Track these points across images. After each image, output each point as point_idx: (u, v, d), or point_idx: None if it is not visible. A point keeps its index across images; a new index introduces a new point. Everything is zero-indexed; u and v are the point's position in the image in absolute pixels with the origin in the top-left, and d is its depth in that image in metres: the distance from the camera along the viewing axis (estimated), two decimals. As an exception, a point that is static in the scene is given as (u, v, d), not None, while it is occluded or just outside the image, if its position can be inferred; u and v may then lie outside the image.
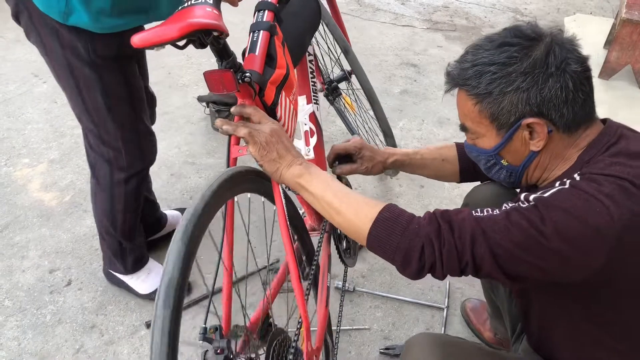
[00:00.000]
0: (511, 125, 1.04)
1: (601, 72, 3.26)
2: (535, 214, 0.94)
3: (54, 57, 1.51)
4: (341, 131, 2.91)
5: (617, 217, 0.91)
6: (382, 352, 1.85)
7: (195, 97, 3.12)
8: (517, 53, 1.00)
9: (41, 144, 2.79)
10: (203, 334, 1.02)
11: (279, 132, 1.14)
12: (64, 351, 1.85)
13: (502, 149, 1.09)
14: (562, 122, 1.01)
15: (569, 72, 0.99)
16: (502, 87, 1.01)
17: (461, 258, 0.98)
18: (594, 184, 0.95)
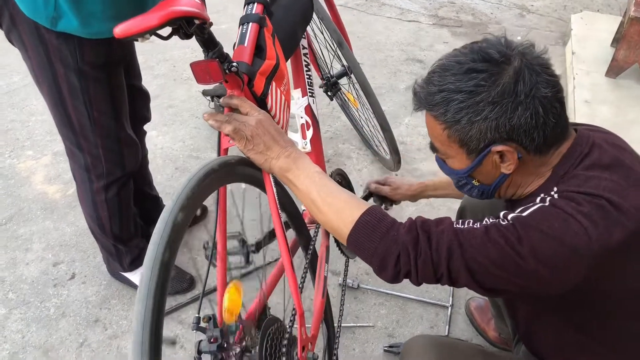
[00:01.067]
0: (480, 151, 1.02)
1: (608, 71, 3.23)
2: (513, 234, 0.94)
3: (36, 62, 1.48)
4: (346, 127, 2.89)
5: (595, 237, 0.91)
6: (386, 349, 1.84)
7: (200, 90, 3.11)
8: (485, 81, 0.96)
9: (45, 136, 2.78)
10: (196, 323, 1.02)
11: (265, 122, 1.13)
12: (68, 345, 1.85)
13: (472, 172, 1.08)
14: (532, 146, 0.99)
15: (538, 98, 0.95)
16: (470, 117, 0.97)
17: (436, 269, 0.98)
18: (573, 203, 0.94)
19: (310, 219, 1.72)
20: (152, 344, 0.78)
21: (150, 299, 0.81)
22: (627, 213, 0.94)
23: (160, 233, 0.87)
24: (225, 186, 1.15)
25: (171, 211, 0.90)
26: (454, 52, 1.03)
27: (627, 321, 1.07)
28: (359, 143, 2.82)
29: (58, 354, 1.82)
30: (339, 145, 2.82)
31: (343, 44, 2.17)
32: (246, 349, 1.09)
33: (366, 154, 2.76)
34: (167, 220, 0.88)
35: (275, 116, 1.35)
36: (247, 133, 1.11)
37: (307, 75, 1.72)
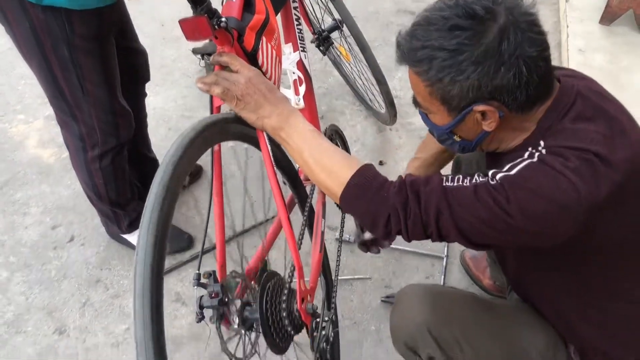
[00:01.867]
0: (462, 109, 1.00)
1: (602, 18, 3.20)
2: (501, 193, 0.94)
3: (22, 38, 1.45)
4: (339, 83, 2.87)
5: (584, 193, 0.92)
6: (383, 300, 1.89)
7: (190, 49, 3.06)
8: (468, 40, 0.93)
9: (36, 99, 2.76)
10: (197, 279, 1.04)
11: (255, 80, 1.12)
12: (71, 305, 1.88)
13: (453, 128, 1.06)
14: (515, 104, 0.97)
15: (522, 58, 0.93)
16: (453, 76, 0.95)
17: (426, 228, 1.00)
18: (561, 159, 0.94)
19: (306, 176, 1.73)
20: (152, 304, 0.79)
21: (149, 260, 0.81)
22: (615, 165, 0.94)
23: (155, 193, 0.87)
24: (220, 144, 1.15)
25: (164, 171, 0.89)
26: (439, 4, 0.99)
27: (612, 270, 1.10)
28: (352, 99, 2.81)
29: (62, 314, 1.86)
30: (332, 101, 2.80)
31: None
32: (247, 303, 1.12)
33: (360, 109, 2.75)
34: (160, 181, 0.88)
35: (267, 72, 1.33)
36: (237, 92, 1.10)
37: (297, 29, 1.70)
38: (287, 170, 1.42)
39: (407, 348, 1.27)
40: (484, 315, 1.28)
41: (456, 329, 1.22)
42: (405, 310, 1.28)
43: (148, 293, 0.79)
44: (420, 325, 1.22)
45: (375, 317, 1.86)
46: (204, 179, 2.34)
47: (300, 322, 1.19)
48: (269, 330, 1.10)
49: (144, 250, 0.81)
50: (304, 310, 1.19)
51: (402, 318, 1.28)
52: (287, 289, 1.17)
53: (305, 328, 1.21)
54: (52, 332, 1.81)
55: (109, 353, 1.76)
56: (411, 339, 1.24)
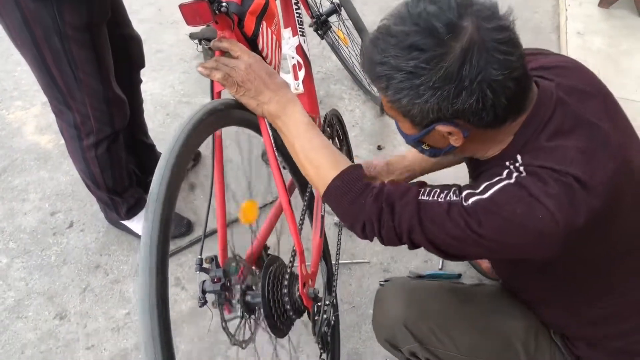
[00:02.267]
0: (425, 126, 0.95)
1: (601, 1, 3.19)
2: (474, 217, 0.92)
3: (14, 28, 1.44)
4: (337, 67, 2.86)
5: (563, 222, 0.88)
6: (381, 284, 1.90)
7: (187, 34, 3.05)
8: (426, 64, 0.86)
9: (32, 85, 2.74)
10: (199, 264, 1.05)
11: (255, 66, 1.11)
12: (71, 290, 1.89)
13: (421, 139, 1.02)
14: (481, 123, 0.91)
15: (486, 82, 0.85)
16: (411, 98, 0.90)
17: (400, 239, 1.01)
18: (540, 183, 0.90)
19: None
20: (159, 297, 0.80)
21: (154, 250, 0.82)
22: (595, 190, 0.90)
23: (159, 181, 0.87)
24: (220, 130, 1.15)
25: (168, 159, 0.90)
26: (403, 11, 0.91)
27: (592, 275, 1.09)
28: (350, 83, 2.80)
29: (62, 299, 1.87)
30: (330, 86, 2.80)
31: None
32: (248, 287, 1.12)
33: (358, 94, 2.75)
34: (164, 168, 0.89)
35: (267, 57, 1.33)
36: (238, 78, 1.10)
37: (297, 13, 1.69)
38: (287, 155, 1.42)
39: (389, 344, 1.30)
40: (461, 306, 1.29)
41: (432, 322, 1.24)
42: (383, 307, 1.31)
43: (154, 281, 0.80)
44: (397, 321, 1.24)
45: (373, 301, 1.86)
46: (202, 164, 2.34)
47: (302, 306, 1.20)
48: (271, 314, 1.11)
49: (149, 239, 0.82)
50: (306, 295, 1.20)
51: (380, 316, 1.31)
52: (289, 273, 1.18)
53: (306, 312, 1.23)
54: (53, 317, 1.82)
55: (110, 337, 1.77)
56: (391, 335, 1.27)
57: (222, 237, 1.15)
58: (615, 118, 1.02)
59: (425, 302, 1.27)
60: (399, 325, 1.24)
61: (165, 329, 0.79)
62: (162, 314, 0.79)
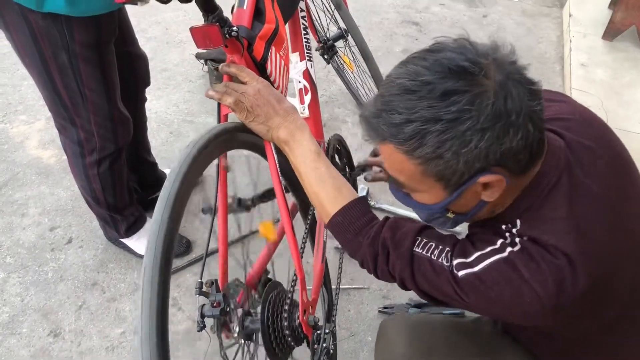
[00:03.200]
0: (463, 183, 0.86)
1: (605, 33, 3.21)
2: (463, 290, 0.91)
3: (22, 44, 1.45)
4: (341, 91, 2.88)
5: (549, 306, 0.86)
6: (380, 311, 1.88)
7: (193, 54, 3.07)
8: (470, 105, 0.78)
9: (38, 100, 2.75)
10: (199, 288, 1.04)
11: (264, 92, 1.12)
12: (67, 307, 1.87)
13: (448, 205, 0.93)
14: (517, 168, 0.85)
15: (528, 114, 0.80)
16: (456, 149, 0.80)
17: (394, 280, 1.03)
18: (532, 264, 0.86)
19: None
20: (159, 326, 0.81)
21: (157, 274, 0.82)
22: (586, 271, 0.86)
23: (164, 204, 0.87)
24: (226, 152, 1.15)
25: (173, 182, 0.90)
26: (411, 68, 0.84)
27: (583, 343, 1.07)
28: (354, 107, 2.81)
29: (57, 316, 1.85)
30: (334, 109, 2.80)
31: (341, 5, 2.14)
32: (248, 313, 1.11)
33: (361, 118, 2.75)
34: (169, 191, 0.89)
35: (275, 81, 1.33)
36: (247, 104, 1.10)
37: (305, 38, 1.70)
38: (290, 177, 1.41)
39: None
40: (466, 342, 1.26)
41: (436, 358, 1.21)
42: (386, 342, 1.28)
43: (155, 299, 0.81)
44: (400, 358, 1.21)
45: (372, 328, 1.85)
46: (202, 183, 2.34)
47: (302, 334, 1.18)
48: (269, 342, 1.10)
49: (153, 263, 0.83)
50: (306, 322, 1.19)
51: (383, 351, 1.28)
52: (290, 300, 1.17)
53: (306, 340, 1.21)
54: (47, 334, 1.80)
55: (104, 357, 1.75)
56: None
57: (223, 260, 1.14)
58: (621, 185, 0.98)
59: (430, 338, 1.25)
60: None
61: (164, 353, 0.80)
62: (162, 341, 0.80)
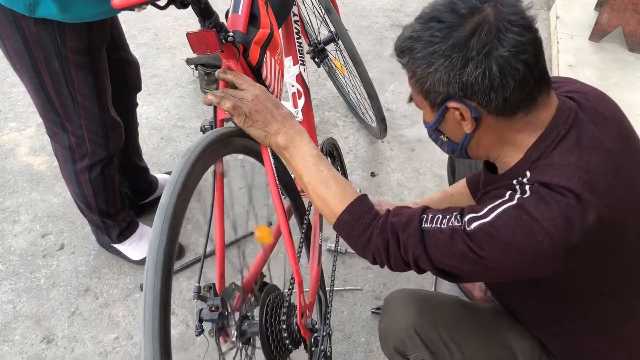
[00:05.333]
0: (439, 105, 0.99)
1: (592, 35, 3.25)
2: (476, 242, 0.94)
3: (13, 50, 1.45)
4: (332, 95, 2.89)
5: (561, 243, 0.90)
6: (373, 311, 1.89)
7: (183, 59, 3.08)
8: (440, 32, 0.92)
9: (28, 107, 2.75)
10: (197, 292, 1.04)
11: (261, 97, 1.13)
12: (60, 314, 1.86)
13: (438, 126, 1.05)
14: (491, 106, 0.94)
15: (494, 57, 0.89)
16: (424, 68, 0.95)
17: (407, 266, 1.05)
18: (541, 205, 0.91)
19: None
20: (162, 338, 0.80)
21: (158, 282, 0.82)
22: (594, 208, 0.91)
23: (164, 211, 0.87)
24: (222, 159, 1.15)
25: (173, 188, 0.90)
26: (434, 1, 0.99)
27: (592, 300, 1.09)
28: (345, 110, 2.83)
29: (50, 322, 1.84)
30: (325, 112, 2.82)
31: (331, 9, 2.15)
32: (245, 316, 1.12)
33: (352, 121, 2.77)
34: (169, 197, 0.89)
35: (270, 86, 1.34)
36: (245, 109, 1.11)
37: (297, 43, 1.71)
38: (285, 181, 1.42)
39: (396, 352, 1.28)
40: (470, 317, 1.29)
41: (443, 331, 1.23)
42: (393, 314, 1.30)
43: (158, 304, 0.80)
44: (408, 328, 1.23)
45: (365, 329, 1.85)
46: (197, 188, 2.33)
47: (300, 337, 1.19)
48: (268, 345, 1.10)
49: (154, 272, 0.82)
50: (304, 325, 1.19)
51: (390, 322, 1.30)
52: (288, 303, 1.17)
53: (303, 343, 1.21)
54: (40, 340, 1.79)
55: (97, 363, 1.75)
56: (400, 342, 1.26)
57: (220, 264, 1.14)
58: (630, 149, 1.03)
59: (437, 311, 1.27)
60: (410, 331, 1.23)
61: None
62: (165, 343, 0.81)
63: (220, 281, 1.13)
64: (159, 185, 2.22)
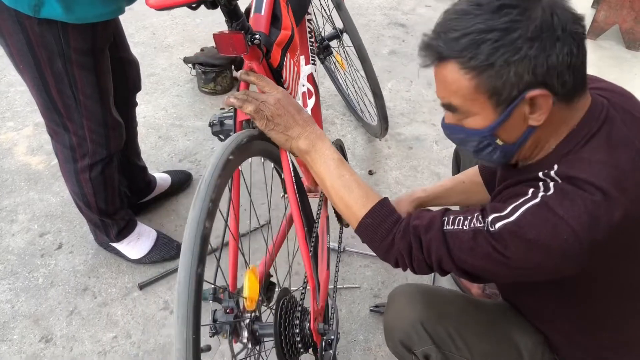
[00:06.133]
0: (513, 99, 0.91)
1: (589, 32, 3.25)
2: (501, 242, 0.93)
3: (17, 50, 1.45)
4: (329, 93, 2.89)
5: (587, 242, 0.89)
6: (372, 309, 1.89)
7: (181, 58, 3.08)
8: (520, 16, 0.86)
9: (25, 107, 2.75)
10: (213, 294, 1.04)
11: (284, 101, 1.13)
12: (58, 313, 1.86)
13: (498, 128, 0.97)
14: (564, 90, 0.91)
15: (572, 34, 0.88)
16: (507, 57, 0.87)
17: (430, 268, 1.06)
18: (566, 202, 0.90)
19: (308, 187, 1.73)
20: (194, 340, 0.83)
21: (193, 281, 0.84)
22: (620, 205, 0.90)
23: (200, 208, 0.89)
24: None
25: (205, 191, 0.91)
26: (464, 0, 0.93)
27: (609, 299, 1.09)
28: (342, 109, 2.83)
29: (48, 322, 1.84)
30: (322, 111, 2.81)
31: (341, 5, 2.15)
32: (257, 318, 1.12)
33: (350, 119, 2.77)
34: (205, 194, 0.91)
35: (288, 88, 1.33)
36: (267, 113, 1.11)
37: (310, 42, 1.70)
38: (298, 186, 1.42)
39: (402, 346, 1.27)
40: (476, 312, 1.29)
41: (449, 325, 1.23)
42: (399, 308, 1.29)
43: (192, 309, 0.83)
44: (415, 322, 1.23)
45: (363, 327, 1.86)
46: (193, 187, 2.34)
47: (311, 341, 1.19)
48: (281, 348, 1.11)
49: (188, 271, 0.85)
50: (316, 330, 1.19)
51: (396, 317, 1.29)
52: (301, 307, 1.18)
53: (312, 347, 1.22)
54: (38, 340, 1.79)
55: (96, 362, 1.75)
56: (406, 336, 1.25)
57: (234, 266, 1.15)
58: None
59: (443, 306, 1.27)
60: (417, 325, 1.23)
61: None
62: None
63: (234, 283, 1.14)
64: (157, 185, 2.22)
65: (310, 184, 1.74)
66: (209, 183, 0.92)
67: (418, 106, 2.88)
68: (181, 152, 2.55)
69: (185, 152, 2.54)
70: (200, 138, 2.62)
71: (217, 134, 1.24)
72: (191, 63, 2.89)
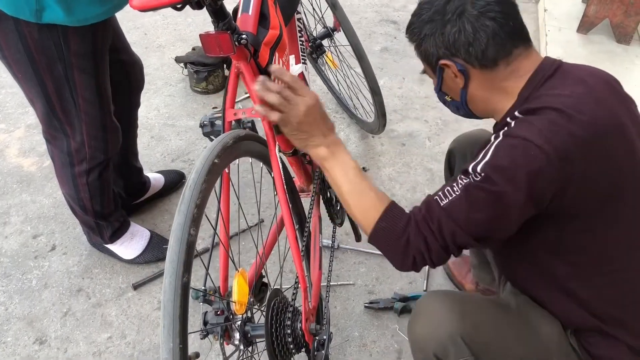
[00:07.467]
0: (435, 66, 1.16)
1: (579, 27, 3.26)
2: (487, 181, 1.02)
3: (14, 59, 1.44)
4: (321, 91, 2.89)
5: (552, 152, 0.99)
6: (366, 306, 1.89)
7: (172, 57, 3.07)
8: (427, 4, 1.14)
9: (17, 108, 2.74)
10: (203, 295, 1.04)
11: (313, 110, 1.13)
12: (52, 314, 1.86)
13: (442, 87, 1.21)
14: (472, 59, 1.10)
15: (466, 17, 1.08)
16: (417, 35, 1.15)
17: (447, 251, 1.09)
18: (525, 125, 1.03)
19: (301, 186, 1.73)
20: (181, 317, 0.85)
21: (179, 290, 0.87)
22: (578, 122, 1.01)
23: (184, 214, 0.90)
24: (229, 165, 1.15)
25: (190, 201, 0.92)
26: None
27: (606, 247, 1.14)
28: (335, 106, 2.83)
29: (42, 324, 1.83)
30: (315, 108, 2.81)
31: (337, 4, 2.15)
32: (248, 319, 1.12)
33: (342, 117, 2.77)
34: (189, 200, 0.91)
35: None
36: (294, 119, 1.12)
37: (300, 41, 1.70)
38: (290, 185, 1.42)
39: (436, 358, 1.21)
40: (505, 316, 1.27)
41: (485, 334, 1.21)
42: (432, 319, 1.23)
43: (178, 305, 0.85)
44: (453, 334, 1.18)
45: (358, 323, 1.86)
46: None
47: (303, 342, 1.19)
48: (273, 349, 1.10)
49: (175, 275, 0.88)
50: (308, 330, 1.19)
51: (430, 328, 1.22)
52: (292, 308, 1.18)
53: (305, 347, 1.22)
54: (33, 342, 1.79)
55: (91, 363, 1.74)
56: (441, 348, 1.19)
57: (224, 267, 1.14)
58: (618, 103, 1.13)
59: (477, 314, 1.24)
60: (456, 337, 1.18)
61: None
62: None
63: (224, 284, 1.13)
64: (151, 185, 2.22)
65: (303, 184, 1.74)
66: (193, 188, 0.92)
67: (410, 103, 2.89)
68: (174, 152, 2.54)
69: (178, 151, 2.54)
70: (192, 137, 2.62)
71: (208, 134, 1.24)
72: (183, 62, 2.88)
